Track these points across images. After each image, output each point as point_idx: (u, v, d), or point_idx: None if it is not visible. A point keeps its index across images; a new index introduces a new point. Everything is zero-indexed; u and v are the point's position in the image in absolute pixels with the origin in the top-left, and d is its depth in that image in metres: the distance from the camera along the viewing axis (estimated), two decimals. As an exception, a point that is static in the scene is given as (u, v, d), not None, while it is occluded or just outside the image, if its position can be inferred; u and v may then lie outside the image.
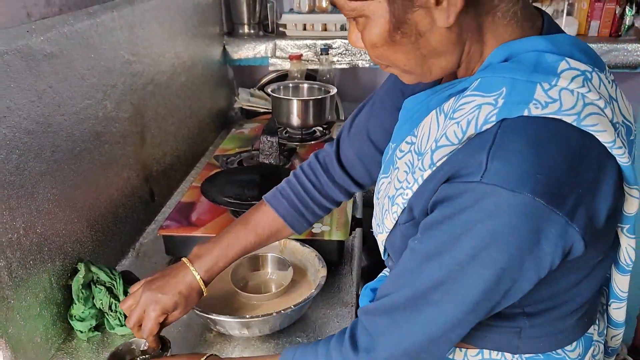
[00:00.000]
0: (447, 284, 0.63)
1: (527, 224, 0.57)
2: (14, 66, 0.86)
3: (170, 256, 1.25)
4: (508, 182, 0.56)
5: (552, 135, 0.58)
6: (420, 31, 0.63)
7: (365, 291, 0.98)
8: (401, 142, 0.78)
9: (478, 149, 0.59)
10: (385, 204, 0.78)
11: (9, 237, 0.86)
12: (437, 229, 0.62)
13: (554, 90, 0.60)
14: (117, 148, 1.23)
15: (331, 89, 1.82)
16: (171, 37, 1.53)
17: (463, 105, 0.64)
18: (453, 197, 0.60)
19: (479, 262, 0.60)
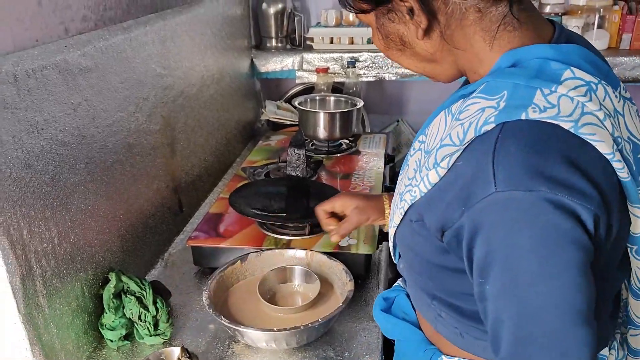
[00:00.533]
0: (540, 309, 0.60)
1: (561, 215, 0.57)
2: (52, 80, 0.89)
3: (198, 267, 1.27)
4: (520, 183, 0.57)
5: (550, 137, 0.59)
6: (403, 41, 0.71)
7: (378, 300, 0.98)
8: (415, 141, 0.80)
9: (482, 158, 0.60)
10: (396, 200, 0.79)
11: (44, 247, 0.88)
12: (492, 262, 0.61)
13: (553, 96, 0.61)
14: (147, 159, 1.25)
15: (358, 101, 1.82)
16: (201, 50, 1.56)
17: (468, 106, 0.66)
18: (482, 220, 0.60)
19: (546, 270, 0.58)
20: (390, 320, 0.93)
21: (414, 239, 0.74)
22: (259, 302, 1.06)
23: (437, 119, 0.75)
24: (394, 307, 0.95)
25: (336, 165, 1.69)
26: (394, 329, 0.92)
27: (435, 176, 0.67)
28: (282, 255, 1.18)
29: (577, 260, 0.58)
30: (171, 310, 1.12)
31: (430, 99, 2.39)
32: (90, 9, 1.05)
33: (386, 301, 0.97)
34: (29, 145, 0.84)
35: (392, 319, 0.92)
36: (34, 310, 0.86)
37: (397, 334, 0.93)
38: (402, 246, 0.81)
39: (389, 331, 0.95)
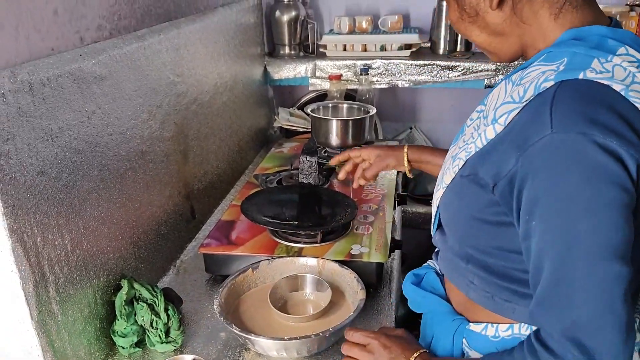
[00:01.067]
0: (579, 243, 0.65)
1: (608, 157, 0.63)
2: (67, 88, 0.90)
3: (210, 274, 1.27)
4: (576, 126, 0.64)
5: (604, 93, 0.66)
6: (478, 12, 0.79)
7: (409, 276, 1.04)
8: (473, 113, 0.87)
9: (540, 108, 0.67)
10: (448, 164, 0.86)
11: (57, 254, 0.89)
12: (541, 199, 0.67)
13: (608, 64, 0.69)
14: (160, 167, 1.25)
15: (370, 109, 1.82)
16: (214, 58, 1.57)
17: (529, 73, 0.74)
18: (536, 161, 0.67)
19: (590, 206, 0.64)
20: (419, 293, 0.99)
21: (462, 194, 0.80)
22: (270, 311, 1.06)
23: (497, 89, 0.82)
24: (423, 283, 1.02)
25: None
26: (423, 301, 0.99)
27: (492, 132, 0.74)
28: (294, 263, 1.17)
29: (619, 200, 0.64)
30: (182, 317, 1.12)
31: (443, 106, 2.40)
32: (105, 19, 1.06)
33: (416, 277, 1.03)
34: (44, 153, 0.85)
35: (421, 292, 0.99)
36: (47, 316, 0.87)
37: (426, 306, 0.99)
38: (445, 207, 0.86)
39: (417, 304, 1.01)
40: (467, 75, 1.96)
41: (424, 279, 1.02)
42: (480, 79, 1.96)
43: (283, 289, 1.13)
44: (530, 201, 0.68)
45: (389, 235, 1.27)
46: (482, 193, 0.76)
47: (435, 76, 1.99)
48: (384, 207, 1.42)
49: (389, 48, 2.04)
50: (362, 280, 1.10)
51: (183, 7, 1.42)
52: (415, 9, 2.26)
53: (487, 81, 1.95)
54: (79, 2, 0.97)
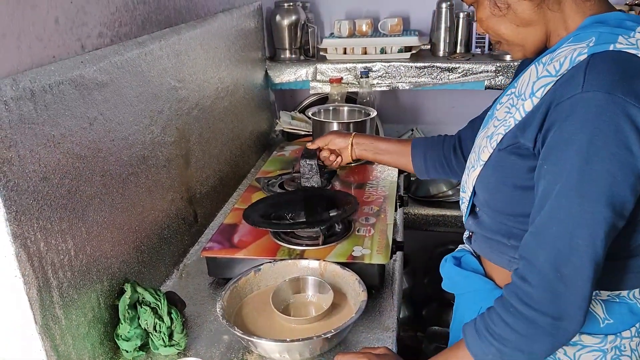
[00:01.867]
0: (579, 185, 0.74)
1: (625, 119, 0.72)
2: (69, 95, 0.91)
3: (213, 277, 1.28)
4: (603, 86, 0.73)
5: (633, 61, 0.75)
6: (509, 4, 0.86)
7: (448, 258, 1.10)
8: (502, 97, 0.95)
9: (575, 74, 0.76)
10: (483, 143, 0.93)
11: (60, 259, 0.90)
12: (557, 145, 0.76)
13: (632, 39, 0.78)
14: (162, 171, 1.27)
15: (371, 111, 1.83)
16: (215, 63, 1.58)
17: (561, 52, 0.82)
18: (562, 113, 0.75)
19: (599, 157, 0.73)
20: (462, 274, 1.04)
21: (502, 166, 0.88)
22: (273, 313, 1.07)
23: (527, 72, 0.87)
24: (462, 264, 1.07)
25: (350, 175, 1.69)
26: (467, 281, 1.04)
27: (530, 104, 0.82)
28: (296, 265, 1.18)
29: (622, 158, 0.72)
30: (186, 320, 1.13)
31: (444, 108, 2.40)
32: (106, 26, 1.07)
33: (455, 259, 1.08)
34: (46, 159, 0.86)
35: (464, 272, 1.04)
36: (51, 321, 0.87)
37: (468, 285, 1.04)
38: (483, 183, 0.92)
39: (457, 285, 1.07)
40: (467, 77, 1.97)
41: (462, 261, 1.07)
42: (480, 80, 1.96)
43: (285, 292, 1.14)
44: (548, 147, 0.78)
45: (390, 237, 1.27)
46: (523, 161, 0.84)
47: (436, 78, 1.99)
48: (386, 209, 1.42)
49: (389, 51, 2.05)
50: (364, 282, 1.11)
51: (183, 13, 1.44)
52: (414, 12, 2.27)
53: (487, 82, 1.96)
54: (80, 11, 0.99)
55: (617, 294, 0.88)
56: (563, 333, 0.79)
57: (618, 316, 0.88)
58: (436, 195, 2.05)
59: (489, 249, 0.97)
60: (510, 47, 0.92)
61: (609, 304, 0.88)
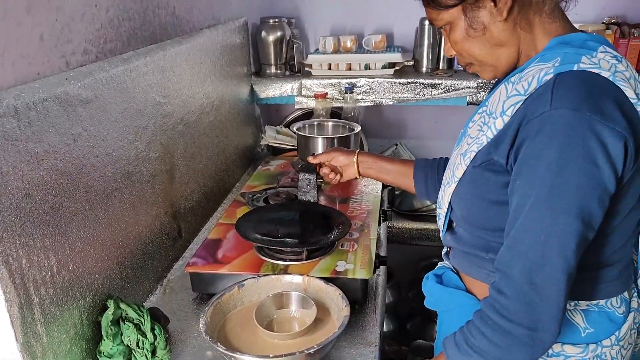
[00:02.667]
0: (550, 197, 0.77)
1: (591, 135, 0.75)
2: (52, 112, 0.91)
3: (197, 292, 1.27)
4: (570, 104, 0.76)
5: (596, 80, 0.79)
6: (485, 26, 0.89)
7: (430, 276, 1.11)
8: (474, 116, 0.97)
9: (543, 92, 0.80)
10: (456, 161, 0.96)
11: (43, 275, 0.90)
12: (528, 161, 0.80)
13: (594, 59, 0.82)
14: (147, 187, 1.27)
15: (355, 126, 1.85)
16: (200, 78, 1.59)
17: (528, 72, 0.86)
18: (532, 130, 0.79)
19: (568, 170, 0.76)
20: (446, 291, 1.06)
21: (476, 183, 0.91)
22: (256, 329, 1.07)
23: (497, 91, 0.91)
24: (444, 281, 1.08)
25: (335, 189, 1.70)
26: (450, 298, 1.05)
27: (501, 123, 0.86)
28: (280, 280, 1.19)
29: (589, 172, 0.76)
30: (169, 336, 1.13)
31: (427, 123, 2.44)
32: (91, 43, 1.08)
33: (437, 277, 1.10)
34: (29, 176, 0.86)
35: (448, 289, 1.06)
36: (32, 338, 0.87)
37: (451, 302, 1.05)
38: (459, 199, 0.96)
39: (440, 302, 1.08)
40: (449, 93, 2.00)
41: (444, 278, 1.09)
42: (462, 96, 1.99)
43: (269, 307, 1.14)
44: (520, 163, 0.81)
45: (373, 252, 1.28)
46: (497, 177, 0.87)
47: (419, 94, 2.02)
48: (369, 224, 1.43)
49: (373, 67, 2.08)
50: (347, 297, 1.11)
51: (169, 29, 1.45)
52: (398, 29, 2.30)
53: (469, 98, 1.99)
54: (64, 27, 0.99)
55: (595, 303, 0.91)
56: (539, 344, 0.81)
57: (598, 325, 0.91)
58: (420, 209, 2.08)
59: (468, 263, 0.99)
60: (482, 68, 0.95)
61: (589, 313, 0.91)
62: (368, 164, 1.33)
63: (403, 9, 2.21)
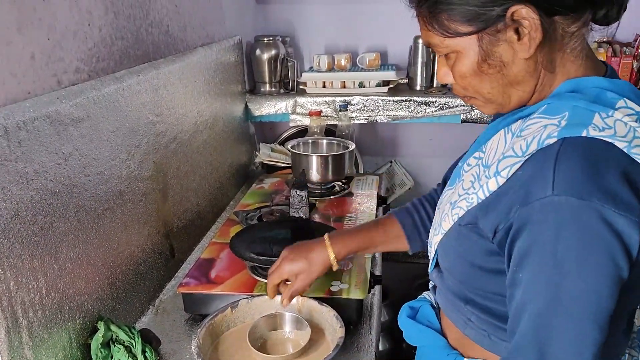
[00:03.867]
0: (562, 302, 0.67)
1: (605, 227, 0.64)
2: (43, 131, 0.90)
3: (189, 313, 1.25)
4: (576, 191, 0.65)
5: (608, 154, 0.67)
6: (504, 62, 0.74)
7: (404, 308, 1.05)
8: (469, 157, 0.86)
9: (544, 166, 0.68)
10: (445, 209, 0.86)
11: (31, 298, 0.88)
12: (531, 253, 0.68)
13: (610, 119, 0.69)
14: (139, 206, 1.25)
15: (350, 144, 1.85)
16: (194, 96, 1.59)
17: (530, 125, 0.74)
18: (532, 217, 0.68)
19: (579, 271, 0.65)
20: (415, 327, 1.00)
21: (461, 242, 0.81)
22: (250, 351, 1.05)
23: (495, 137, 0.81)
24: (418, 316, 1.02)
25: (329, 207, 1.69)
26: (419, 335, 0.99)
27: (494, 184, 0.75)
28: (273, 301, 1.17)
29: (608, 272, 0.65)
30: (160, 358, 1.11)
31: (422, 141, 2.44)
32: (83, 61, 1.07)
33: (412, 309, 1.04)
34: (18, 196, 0.85)
35: (417, 325, 1.00)
36: (19, 362, 0.85)
37: (422, 339, 0.99)
38: (444, 252, 0.87)
39: (413, 337, 1.01)
40: (443, 111, 2.00)
41: (420, 312, 1.03)
42: (457, 113, 2.00)
43: (262, 328, 1.12)
44: (521, 252, 0.70)
45: (368, 271, 1.27)
46: (482, 242, 0.77)
47: (413, 111, 2.03)
48: (364, 243, 1.42)
49: (367, 85, 2.09)
50: (342, 317, 1.10)
51: (162, 48, 1.45)
52: (392, 47, 2.31)
53: (463, 116, 2.00)
54: (56, 46, 0.99)
55: None
56: None
57: None
58: (415, 227, 2.06)
59: (449, 305, 0.92)
60: (485, 105, 0.82)
61: None
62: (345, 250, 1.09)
63: (397, 27, 2.22)
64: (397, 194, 2.44)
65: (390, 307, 2.42)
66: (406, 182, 2.44)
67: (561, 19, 0.72)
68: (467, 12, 0.72)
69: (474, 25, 0.73)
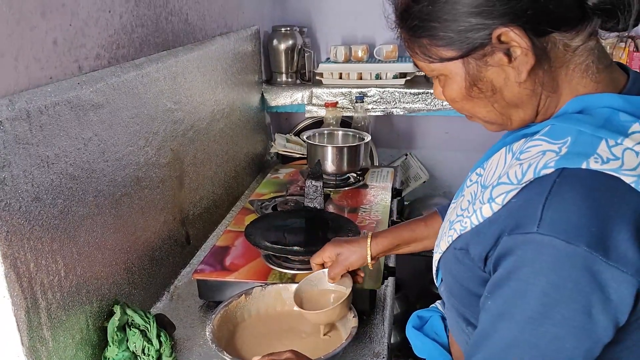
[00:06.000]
0: (522, 346, 0.62)
1: (587, 277, 0.57)
2: (64, 116, 0.92)
3: (204, 300, 1.27)
4: (563, 232, 0.58)
5: (609, 192, 0.59)
6: (495, 87, 0.68)
7: (413, 317, 1.03)
8: (472, 173, 0.82)
9: (535, 197, 0.62)
10: (445, 227, 0.81)
11: (50, 279, 0.89)
12: (504, 285, 0.64)
13: (617, 148, 0.61)
14: (156, 192, 1.27)
15: (365, 136, 1.84)
16: (212, 85, 1.60)
17: (530, 148, 0.68)
18: (514, 249, 0.62)
19: (550, 319, 0.60)
20: (420, 339, 0.98)
21: (456, 266, 0.76)
22: (264, 338, 1.06)
23: (497, 155, 0.77)
24: (426, 327, 0.99)
25: (344, 198, 1.70)
26: (424, 347, 0.97)
27: (488, 211, 0.69)
28: (287, 289, 1.17)
29: (574, 323, 0.59)
30: (175, 344, 1.12)
31: (438, 134, 2.43)
32: (104, 48, 1.08)
33: (420, 319, 1.01)
34: (39, 179, 0.86)
35: (422, 338, 0.97)
36: (38, 343, 0.87)
37: (426, 353, 0.97)
38: (444, 271, 0.83)
39: (418, 348, 0.99)
40: (461, 104, 1.99)
41: (428, 323, 1.00)
42: (474, 107, 1.98)
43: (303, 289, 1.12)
44: (496, 281, 0.65)
45: (382, 263, 1.27)
46: (475, 270, 0.72)
47: (430, 104, 2.02)
48: (378, 234, 1.42)
49: (384, 76, 2.08)
50: (355, 308, 1.10)
51: (181, 36, 1.45)
52: (410, 39, 2.29)
53: (480, 109, 1.98)
54: (78, 32, 1.00)
55: None
56: None
57: None
58: (429, 221, 2.06)
59: (454, 324, 0.87)
60: (486, 124, 0.76)
61: None
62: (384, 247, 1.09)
63: (415, 20, 2.21)
64: (411, 187, 2.43)
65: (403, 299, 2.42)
66: (421, 176, 2.43)
67: (559, 35, 0.65)
68: (448, 38, 0.66)
69: (457, 50, 0.67)
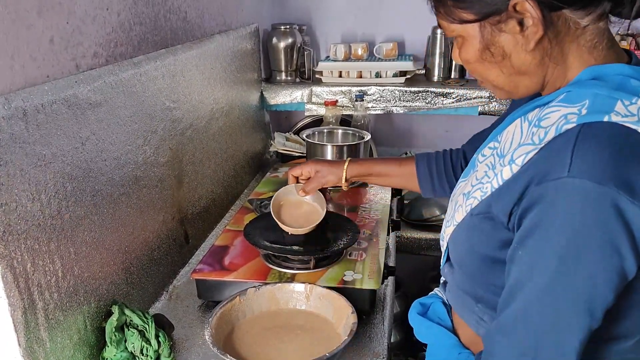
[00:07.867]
0: (554, 287, 0.66)
1: (615, 215, 0.62)
2: (61, 115, 0.91)
3: (202, 300, 1.26)
4: (593, 175, 0.63)
5: (628, 139, 0.65)
6: (505, 52, 0.74)
7: (415, 304, 1.03)
8: (484, 148, 0.86)
9: (562, 148, 0.66)
10: (459, 200, 0.85)
11: (47, 280, 0.89)
12: (535, 233, 0.67)
13: (633, 107, 0.67)
14: (154, 192, 1.26)
15: (365, 134, 1.83)
16: (210, 83, 1.59)
17: (549, 114, 0.72)
18: (543, 196, 0.66)
19: (583, 259, 0.64)
20: (425, 324, 0.98)
21: (473, 233, 0.80)
22: (263, 338, 1.05)
23: (511, 126, 0.80)
24: (429, 312, 1.00)
25: (343, 197, 1.69)
26: (428, 332, 0.97)
27: (508, 172, 0.74)
28: (285, 288, 1.17)
29: (611, 265, 0.64)
30: (173, 344, 1.12)
31: (438, 132, 2.42)
32: (102, 46, 1.08)
33: (422, 306, 1.02)
34: (36, 179, 0.85)
35: (427, 322, 0.98)
36: (35, 344, 0.86)
37: (431, 337, 0.97)
38: (455, 244, 0.86)
39: (422, 334, 0.99)
40: (461, 102, 1.98)
41: (430, 309, 1.01)
42: (474, 105, 1.98)
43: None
44: (526, 230, 0.68)
45: (382, 262, 1.26)
46: (495, 232, 0.76)
47: (430, 103, 2.01)
48: (378, 233, 1.42)
49: (383, 75, 2.07)
50: (355, 307, 1.09)
51: (180, 34, 1.44)
52: (409, 37, 2.29)
53: (480, 108, 1.97)
54: (75, 31, 0.99)
55: None
56: None
57: None
58: (429, 219, 2.05)
59: (460, 303, 0.90)
60: (495, 90, 0.82)
61: None
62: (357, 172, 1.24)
63: (415, 18, 2.19)
64: (411, 185, 2.42)
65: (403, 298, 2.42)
66: (421, 174, 2.42)
67: (570, 12, 0.71)
68: (469, 1, 0.73)
69: (476, 13, 0.73)
